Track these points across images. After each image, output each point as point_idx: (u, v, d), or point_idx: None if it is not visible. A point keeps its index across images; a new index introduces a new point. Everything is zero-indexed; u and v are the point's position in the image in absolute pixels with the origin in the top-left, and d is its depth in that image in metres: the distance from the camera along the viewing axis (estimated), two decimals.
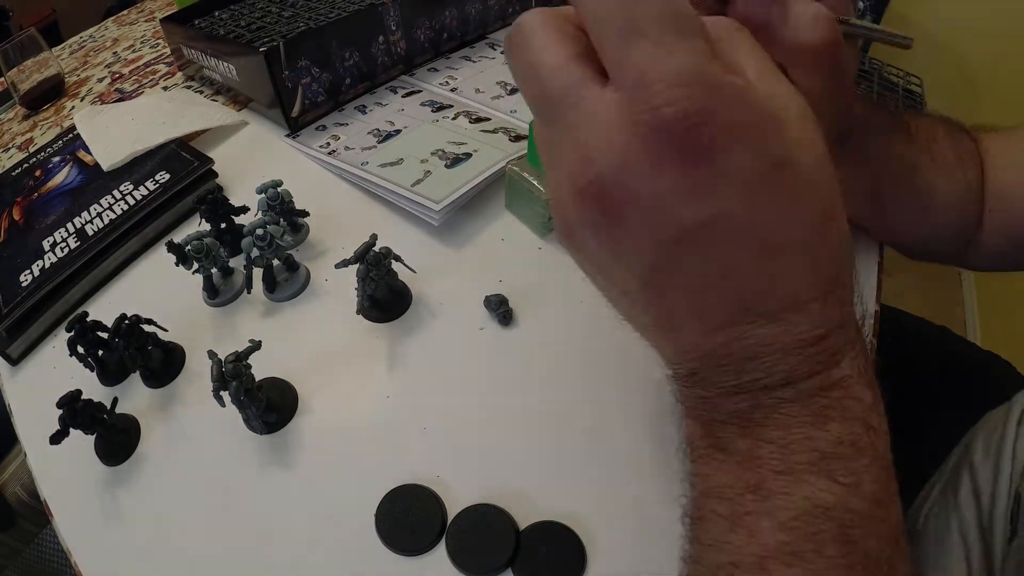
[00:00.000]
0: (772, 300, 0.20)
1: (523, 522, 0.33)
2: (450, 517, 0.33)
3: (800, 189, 0.19)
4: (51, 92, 0.76)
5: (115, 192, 0.53)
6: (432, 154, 0.53)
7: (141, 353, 0.40)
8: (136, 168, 0.55)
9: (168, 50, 0.78)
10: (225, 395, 0.35)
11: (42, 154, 0.62)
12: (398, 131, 0.58)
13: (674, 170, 0.18)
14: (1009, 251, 0.40)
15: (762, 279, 0.20)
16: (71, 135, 0.62)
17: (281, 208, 0.47)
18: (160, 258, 0.49)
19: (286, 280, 0.46)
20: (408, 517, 0.33)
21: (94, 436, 0.38)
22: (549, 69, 0.20)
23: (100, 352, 0.41)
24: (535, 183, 0.45)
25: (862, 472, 0.20)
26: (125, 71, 0.80)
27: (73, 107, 0.75)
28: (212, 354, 0.35)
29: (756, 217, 0.19)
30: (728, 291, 0.20)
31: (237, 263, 0.47)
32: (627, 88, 0.18)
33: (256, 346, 0.36)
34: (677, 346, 0.22)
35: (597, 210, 0.20)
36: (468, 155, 0.53)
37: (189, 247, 0.43)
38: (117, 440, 0.38)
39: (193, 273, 0.44)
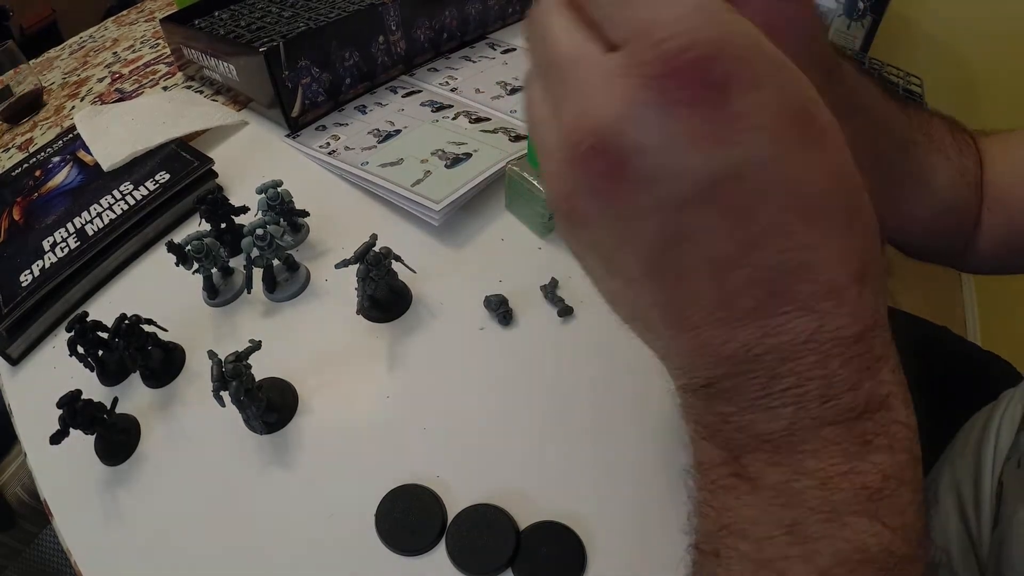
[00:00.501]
0: (807, 282, 0.17)
1: (523, 522, 0.33)
2: (450, 517, 0.33)
3: (831, 145, 0.16)
4: (30, 106, 0.76)
5: (115, 192, 0.53)
6: (432, 154, 0.53)
7: (141, 353, 0.40)
8: (136, 168, 0.55)
9: (168, 50, 0.78)
10: (225, 395, 0.35)
11: (42, 154, 0.62)
12: (398, 131, 0.58)
13: (684, 110, 0.15)
14: (1006, 255, 0.40)
15: (797, 253, 0.16)
16: (71, 135, 0.62)
17: (281, 208, 0.47)
18: (160, 258, 0.49)
19: (286, 280, 0.46)
20: (408, 517, 0.33)
21: (94, 436, 0.38)
22: (556, 31, 0.18)
23: (100, 352, 0.41)
24: (535, 183, 0.45)
25: (907, 510, 0.17)
26: (125, 71, 0.80)
27: (73, 107, 0.75)
28: (212, 354, 0.35)
29: (789, 171, 0.16)
30: (757, 268, 0.17)
31: (237, 263, 0.47)
32: (629, 40, 0.16)
33: (256, 346, 0.36)
34: (693, 348, 0.19)
35: (597, 171, 0.17)
36: (468, 155, 0.53)
37: (189, 247, 0.43)
38: (117, 440, 0.38)
39: (193, 273, 0.44)
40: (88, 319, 0.40)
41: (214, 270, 0.45)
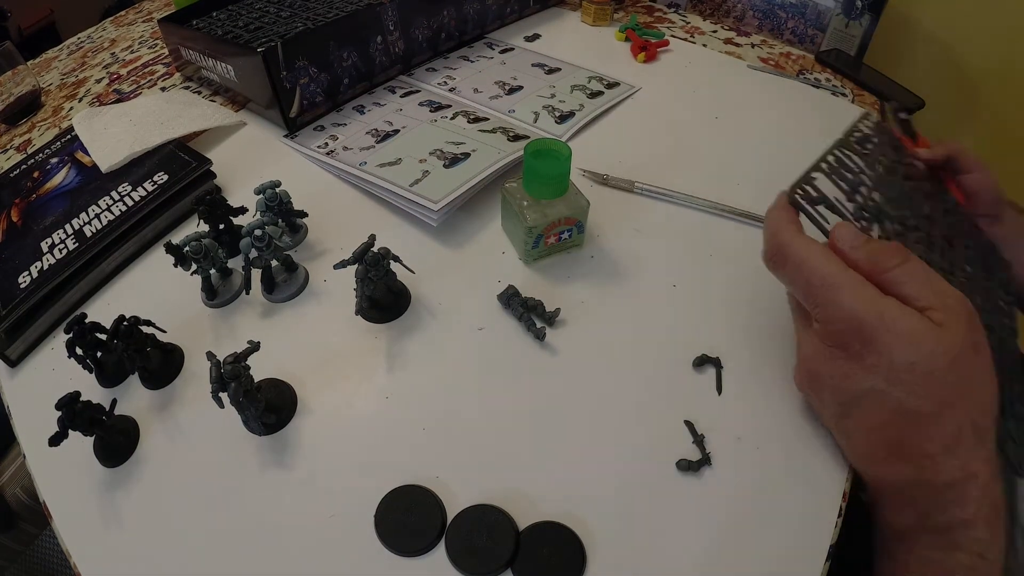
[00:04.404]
0: (906, 448, 0.30)
1: (523, 522, 0.33)
2: (450, 517, 0.33)
3: (928, 383, 0.28)
4: (28, 107, 0.76)
5: (113, 193, 0.53)
6: (430, 154, 0.53)
7: (140, 354, 0.40)
8: (134, 169, 0.55)
9: (166, 51, 0.78)
10: (224, 396, 0.35)
11: (40, 155, 0.62)
12: (396, 131, 0.58)
13: (841, 363, 0.31)
14: None
15: (897, 433, 0.30)
16: (69, 136, 0.62)
17: (279, 209, 0.47)
18: (159, 259, 0.49)
19: (285, 281, 0.46)
20: (408, 518, 0.33)
21: (93, 438, 0.38)
22: (794, 311, 0.36)
23: (99, 353, 0.41)
24: (524, 206, 0.44)
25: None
26: (123, 72, 0.80)
27: (71, 108, 0.75)
28: (211, 355, 0.35)
29: (899, 396, 0.29)
30: (882, 437, 0.31)
31: (236, 264, 0.47)
32: (818, 321, 0.32)
33: (255, 347, 0.36)
34: (871, 473, 0.33)
35: (807, 387, 0.35)
36: (466, 155, 0.53)
37: (187, 248, 0.43)
38: (116, 442, 0.38)
39: (192, 274, 0.44)
40: (87, 320, 0.40)
41: (212, 271, 0.45)
